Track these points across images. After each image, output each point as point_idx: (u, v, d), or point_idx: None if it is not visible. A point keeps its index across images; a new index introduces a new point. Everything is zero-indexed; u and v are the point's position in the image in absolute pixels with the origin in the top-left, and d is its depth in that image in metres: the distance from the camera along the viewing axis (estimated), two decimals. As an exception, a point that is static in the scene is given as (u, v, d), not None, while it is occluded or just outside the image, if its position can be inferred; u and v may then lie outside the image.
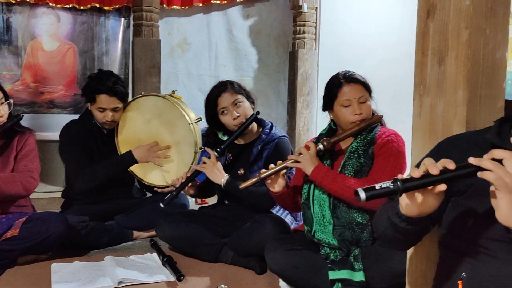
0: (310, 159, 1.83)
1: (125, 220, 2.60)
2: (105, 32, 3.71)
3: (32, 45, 3.53)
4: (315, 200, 1.89)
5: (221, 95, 2.31)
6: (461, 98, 1.39)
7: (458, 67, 1.40)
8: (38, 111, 3.59)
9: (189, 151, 2.51)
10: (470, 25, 1.38)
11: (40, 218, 2.17)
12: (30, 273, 2.05)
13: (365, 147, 1.86)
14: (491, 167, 0.92)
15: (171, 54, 3.88)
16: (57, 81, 3.63)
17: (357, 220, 1.81)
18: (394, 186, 0.95)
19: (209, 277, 2.05)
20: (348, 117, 1.86)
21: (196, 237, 2.26)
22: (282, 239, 1.96)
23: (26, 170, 2.22)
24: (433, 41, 1.46)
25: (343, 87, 1.87)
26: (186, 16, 3.89)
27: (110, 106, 2.47)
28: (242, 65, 4.06)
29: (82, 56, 3.67)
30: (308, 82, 3.99)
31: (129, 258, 2.24)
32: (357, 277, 1.72)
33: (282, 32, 4.14)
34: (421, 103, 1.51)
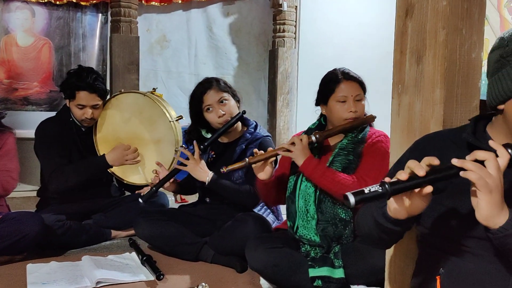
0: (302, 149, 1.84)
1: (103, 219, 2.57)
2: (82, 28, 3.66)
3: (6, 40, 3.47)
4: (300, 194, 1.90)
5: (206, 92, 2.29)
6: (438, 97, 1.42)
7: (435, 66, 1.43)
8: (12, 108, 3.52)
9: (169, 149, 2.50)
10: (447, 25, 1.41)
11: (14, 218, 2.13)
12: (5, 274, 2.01)
13: (355, 145, 1.89)
14: (473, 168, 0.94)
15: (150, 51, 3.86)
16: (32, 77, 3.57)
17: (340, 216, 1.83)
18: (383, 189, 0.95)
19: (189, 275, 2.05)
20: (342, 113, 1.88)
21: (176, 236, 2.25)
22: (263, 238, 1.96)
23: (5, 169, 2.18)
24: (411, 41, 1.49)
25: (341, 83, 1.89)
26: (165, 12, 3.86)
27: (89, 103, 2.44)
28: (222, 63, 4.07)
29: (58, 52, 3.62)
30: (288, 81, 4.01)
31: (108, 257, 2.21)
32: (337, 274, 1.75)
33: (262, 30, 4.15)
34: (399, 102, 1.54)
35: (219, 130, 2.29)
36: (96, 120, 2.57)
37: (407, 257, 1.45)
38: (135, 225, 2.38)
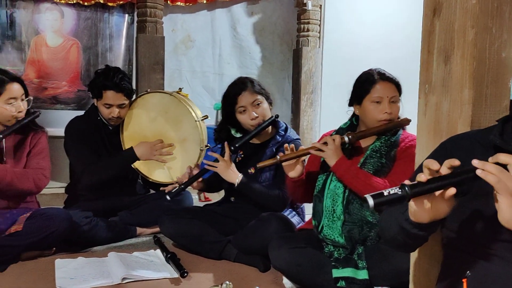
0: (335, 150, 1.83)
1: (128, 216, 2.61)
2: (109, 28, 3.71)
3: (36, 41, 3.54)
4: (328, 193, 1.89)
5: (241, 93, 2.28)
6: (467, 97, 1.40)
7: (464, 66, 1.41)
8: (41, 106, 3.58)
9: (194, 149, 2.52)
10: (476, 24, 1.38)
11: (44, 214, 2.18)
12: (34, 269, 2.06)
13: (388, 148, 1.87)
14: (494, 171, 0.92)
15: (175, 51, 3.89)
16: (60, 77, 3.63)
17: (367, 219, 1.82)
18: (402, 192, 0.94)
19: (212, 273, 2.06)
20: (377, 115, 1.86)
21: (200, 234, 2.27)
22: (287, 237, 1.97)
23: (38, 167, 2.24)
24: (439, 40, 1.47)
25: (377, 84, 1.87)
26: (190, 12, 3.89)
27: (116, 103, 2.49)
28: (246, 63, 4.07)
29: (85, 52, 3.67)
30: (312, 80, 3.99)
31: (133, 254, 2.25)
32: (360, 275, 1.74)
33: (286, 29, 4.14)
34: (426, 102, 1.52)
35: (251, 133, 2.28)
36: (123, 119, 2.61)
37: (432, 259, 1.43)
38: (160, 223, 2.40)
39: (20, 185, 2.15)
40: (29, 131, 2.28)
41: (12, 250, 2.08)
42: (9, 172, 2.11)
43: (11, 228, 2.12)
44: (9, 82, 2.14)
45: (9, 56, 3.48)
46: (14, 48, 3.50)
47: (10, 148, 2.23)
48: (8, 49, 3.48)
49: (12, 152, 2.23)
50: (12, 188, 2.13)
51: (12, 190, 2.14)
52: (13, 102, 2.14)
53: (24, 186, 2.16)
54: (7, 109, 2.13)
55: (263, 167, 1.97)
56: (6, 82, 2.13)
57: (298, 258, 1.83)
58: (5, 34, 3.46)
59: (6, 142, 2.21)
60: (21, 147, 2.26)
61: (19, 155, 2.24)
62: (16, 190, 2.15)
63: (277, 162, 1.91)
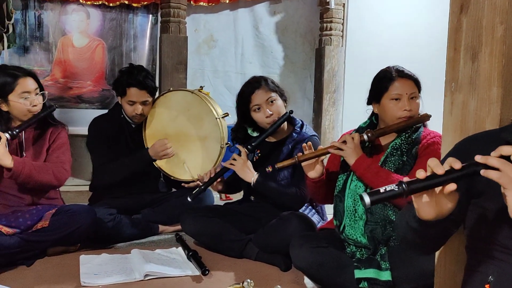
0: (354, 148, 1.81)
1: (151, 214, 2.64)
2: (133, 29, 3.77)
3: (63, 41, 3.61)
4: (349, 193, 1.87)
5: (254, 91, 2.28)
6: (495, 96, 1.37)
7: (492, 63, 1.38)
8: (66, 105, 3.67)
9: (215, 146, 2.53)
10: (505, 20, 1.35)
11: (69, 210, 2.22)
12: (59, 264, 2.10)
13: (409, 146, 1.83)
14: (498, 164, 0.91)
15: (198, 50, 3.92)
16: (85, 76, 3.70)
17: (390, 218, 1.79)
18: (399, 188, 0.94)
19: (233, 272, 2.06)
20: (396, 112, 1.83)
21: (221, 233, 2.27)
22: (308, 236, 1.96)
23: (58, 161, 2.26)
24: (466, 37, 1.44)
25: (395, 81, 1.84)
26: (213, 13, 3.91)
27: (140, 100, 2.52)
28: (268, 62, 4.07)
29: (110, 52, 3.73)
30: (335, 80, 3.97)
31: (155, 251, 2.27)
32: (383, 277, 1.71)
33: (308, 28, 4.13)
34: (452, 100, 1.49)
35: (267, 131, 2.28)
36: (146, 117, 2.64)
37: (458, 261, 1.40)
38: (181, 221, 2.42)
39: (40, 178, 2.16)
40: (48, 126, 2.31)
41: (39, 245, 2.12)
42: (27, 165, 2.12)
43: (37, 224, 2.15)
44: (22, 76, 2.17)
45: (37, 56, 3.57)
46: (41, 49, 3.58)
47: (29, 142, 2.26)
48: (36, 50, 3.56)
49: (31, 146, 2.26)
50: (32, 181, 2.14)
51: (32, 183, 2.16)
52: (27, 96, 2.17)
53: (44, 178, 2.18)
54: (22, 103, 2.15)
55: (282, 167, 1.96)
56: (19, 77, 2.16)
57: (320, 258, 1.82)
58: (33, 35, 3.55)
59: (25, 137, 2.25)
60: (41, 142, 2.28)
61: (38, 150, 2.27)
62: (36, 182, 2.16)
63: (296, 162, 1.90)
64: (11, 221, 2.11)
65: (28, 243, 2.07)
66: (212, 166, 2.46)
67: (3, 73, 2.20)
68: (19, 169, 2.08)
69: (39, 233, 2.12)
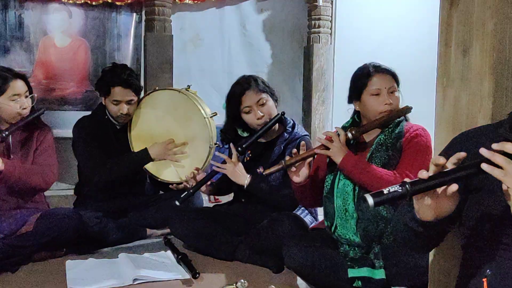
0: (341, 147, 1.83)
1: (138, 217, 2.63)
2: (117, 28, 3.74)
3: (44, 42, 3.57)
4: (338, 193, 1.89)
5: (245, 93, 2.28)
6: (487, 90, 1.39)
7: (483, 58, 1.40)
8: (49, 108, 3.61)
9: (204, 146, 2.52)
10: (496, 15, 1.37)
11: (54, 214, 2.21)
12: (45, 270, 2.08)
13: (393, 140, 1.86)
14: (502, 163, 0.91)
15: (184, 49, 3.91)
16: (68, 77, 3.66)
17: (382, 214, 1.81)
18: (403, 189, 0.94)
19: (225, 274, 2.07)
20: (377, 107, 1.86)
21: (211, 235, 2.27)
22: (300, 237, 1.97)
23: (46, 164, 2.27)
24: (457, 32, 1.46)
25: (373, 76, 1.88)
26: (199, 10, 3.91)
27: (125, 99, 2.51)
28: (255, 61, 4.07)
29: (94, 52, 3.70)
30: (324, 78, 3.99)
31: (144, 255, 2.25)
32: (377, 275, 1.73)
33: (296, 26, 4.14)
34: (444, 96, 1.51)
35: (257, 133, 2.27)
36: (131, 118, 2.63)
37: (452, 257, 1.42)
38: (170, 224, 2.42)
39: (29, 181, 2.18)
40: (34, 129, 2.31)
41: (23, 250, 2.10)
42: (17, 168, 2.13)
43: (21, 229, 2.14)
44: (13, 79, 2.17)
45: (18, 57, 3.52)
46: (22, 50, 3.54)
47: (16, 145, 2.25)
48: (16, 50, 3.52)
49: (19, 149, 2.26)
50: (21, 183, 2.16)
51: (21, 186, 2.17)
52: (17, 98, 2.17)
53: (33, 181, 2.19)
54: (11, 105, 2.16)
55: (269, 174, 1.95)
56: (10, 79, 2.16)
57: (313, 258, 1.82)
58: (14, 36, 3.51)
59: (12, 139, 2.24)
60: (28, 144, 2.28)
61: (25, 152, 2.27)
62: (25, 185, 2.18)
63: (283, 167, 1.90)
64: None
65: (12, 249, 2.06)
66: (201, 167, 2.46)
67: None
68: (9, 171, 2.09)
69: (23, 238, 2.11)
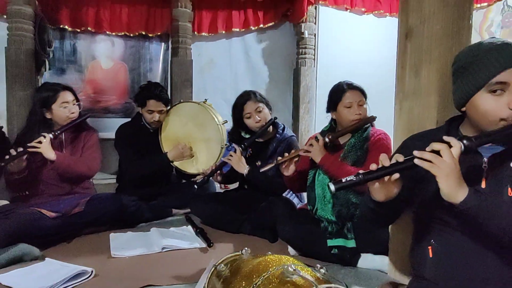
0: (319, 149, 1.84)
1: (165, 200, 2.63)
2: (149, 54, 3.74)
3: (93, 65, 3.58)
4: (318, 183, 1.90)
5: (246, 103, 2.31)
6: (433, 103, 1.41)
7: (430, 78, 1.42)
8: (96, 115, 3.61)
9: (216, 147, 2.54)
10: (440, 45, 1.39)
11: (100, 197, 2.22)
12: (93, 241, 2.10)
13: (361, 143, 1.86)
14: (430, 158, 0.93)
15: (201, 71, 3.90)
16: (111, 92, 3.65)
17: (352, 201, 1.82)
18: (357, 178, 0.98)
19: (232, 244, 2.07)
20: (349, 116, 1.87)
21: (222, 213, 2.28)
22: (291, 215, 1.97)
23: (91, 157, 2.28)
24: (411, 58, 1.48)
25: (346, 92, 1.88)
26: (213, 41, 3.90)
27: (157, 109, 2.52)
28: (256, 80, 4.07)
29: (131, 73, 3.70)
30: (308, 93, 3.99)
31: (170, 229, 2.26)
32: (350, 244, 1.74)
33: (287, 53, 4.14)
34: (401, 107, 1.53)
35: (256, 133, 2.30)
36: (161, 123, 2.64)
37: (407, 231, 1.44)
38: (190, 205, 2.43)
39: (76, 169, 2.19)
40: (82, 130, 2.33)
41: (76, 226, 2.11)
42: (66, 159, 2.15)
43: (75, 209, 2.14)
44: (61, 90, 2.20)
45: (72, 76, 3.52)
46: (76, 71, 3.53)
47: (68, 142, 2.27)
48: (71, 72, 3.52)
49: (69, 145, 2.27)
50: (70, 171, 2.17)
51: (70, 173, 2.18)
52: (66, 105, 2.19)
53: (79, 169, 2.20)
54: (62, 111, 2.18)
55: (266, 171, 1.96)
56: (60, 90, 2.19)
57: (300, 232, 1.84)
58: (69, 60, 3.51)
59: (65, 137, 2.25)
60: (77, 142, 2.29)
61: (75, 148, 2.28)
62: (73, 173, 2.19)
63: (275, 165, 1.92)
64: (53, 206, 2.11)
65: (67, 224, 2.07)
66: (214, 162, 2.47)
67: (47, 89, 2.20)
68: (60, 160, 2.11)
69: (76, 216, 2.12)
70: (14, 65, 2.93)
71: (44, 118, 2.20)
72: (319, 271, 1.04)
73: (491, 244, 1.01)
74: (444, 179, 0.93)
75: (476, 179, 1.03)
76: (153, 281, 1.58)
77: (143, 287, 1.54)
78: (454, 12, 1.37)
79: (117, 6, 3.47)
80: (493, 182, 1.03)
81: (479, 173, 1.04)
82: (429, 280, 1.11)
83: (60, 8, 3.33)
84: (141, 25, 3.56)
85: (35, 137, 2.09)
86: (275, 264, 1.04)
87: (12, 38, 2.94)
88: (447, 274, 1.08)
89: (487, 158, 1.05)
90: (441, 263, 1.09)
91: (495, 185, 1.02)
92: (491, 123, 1.01)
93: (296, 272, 0.98)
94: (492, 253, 1.03)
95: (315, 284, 0.93)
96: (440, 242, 1.10)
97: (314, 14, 3.88)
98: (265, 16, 3.87)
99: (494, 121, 1.00)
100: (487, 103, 1.01)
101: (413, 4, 1.44)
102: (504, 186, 1.01)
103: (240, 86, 3.96)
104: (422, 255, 1.14)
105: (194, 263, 1.78)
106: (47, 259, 1.76)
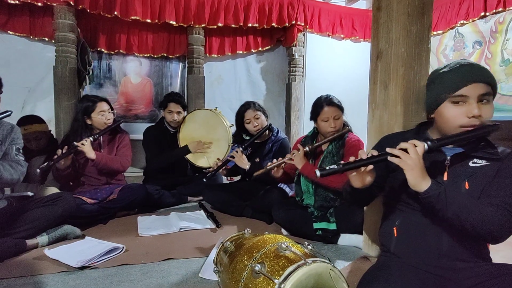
0: (300, 158, 1.81)
1: (182, 189, 2.62)
2: (170, 71, 3.74)
3: (124, 80, 3.57)
4: (303, 181, 1.88)
5: (247, 111, 2.30)
6: (399, 111, 1.40)
7: (396, 91, 1.41)
8: (128, 121, 3.62)
9: (224, 145, 2.53)
10: (404, 65, 1.39)
11: (130, 187, 2.21)
12: (124, 222, 2.09)
13: (337, 149, 1.82)
14: (398, 154, 0.95)
15: (211, 85, 3.90)
16: (140, 102, 3.66)
17: (330, 196, 1.81)
18: (338, 167, 0.97)
19: (236, 225, 2.07)
20: (326, 129, 1.82)
21: (228, 200, 2.27)
22: (283, 203, 1.96)
23: (124, 156, 2.27)
24: (381, 75, 1.47)
25: (324, 108, 1.81)
26: (221, 61, 3.90)
27: (176, 110, 2.52)
28: (256, 93, 4.07)
29: (155, 87, 3.70)
30: (298, 103, 3.98)
31: (186, 213, 2.26)
32: (331, 227, 1.73)
33: (281, 71, 4.14)
34: (373, 115, 1.52)
35: (254, 136, 2.29)
36: (179, 126, 2.63)
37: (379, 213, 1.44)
38: (203, 194, 2.42)
39: (112, 165, 2.17)
40: (117, 133, 2.31)
41: (110, 210, 2.12)
42: (104, 157, 2.14)
43: (109, 197, 2.15)
44: (99, 101, 2.19)
45: (108, 90, 3.52)
46: (111, 85, 3.53)
47: (105, 143, 2.26)
48: (107, 86, 3.52)
49: (106, 145, 2.26)
50: (107, 167, 2.16)
51: (107, 169, 2.17)
52: (103, 113, 2.18)
53: (114, 166, 2.19)
54: (100, 118, 2.17)
55: (259, 175, 1.91)
56: (98, 101, 2.18)
57: (291, 216, 1.82)
58: (105, 76, 3.50)
59: (103, 140, 2.25)
60: (112, 143, 2.28)
61: (111, 148, 2.27)
62: (109, 169, 2.17)
63: (266, 171, 1.88)
64: (92, 194, 2.11)
65: (103, 209, 2.07)
66: (222, 157, 2.46)
67: (87, 100, 2.20)
68: (99, 159, 2.10)
69: (111, 203, 2.12)
70: (61, 80, 2.96)
71: (85, 124, 2.19)
72: (307, 248, 1.03)
73: (446, 225, 1.00)
74: (410, 172, 0.93)
75: (440, 173, 1.03)
76: (172, 255, 1.58)
77: (164, 259, 1.54)
78: (415, 38, 1.37)
79: (144, 33, 3.48)
80: (453, 176, 1.03)
81: (442, 168, 1.04)
82: (394, 254, 1.11)
83: (98, 34, 3.34)
84: (163, 48, 3.56)
85: (78, 140, 2.09)
86: (271, 242, 1.04)
87: (59, 59, 2.95)
88: (409, 249, 1.07)
89: (450, 156, 1.04)
90: (404, 240, 1.09)
91: (454, 179, 1.02)
92: (452, 129, 1.01)
93: (288, 248, 0.98)
94: (446, 233, 1.03)
95: (304, 258, 0.92)
96: (403, 221, 1.10)
97: (302, 39, 3.88)
98: (263, 41, 3.88)
99: (455, 127, 1.01)
100: (450, 112, 1.01)
101: (382, 31, 1.44)
102: (462, 180, 1.01)
103: (243, 97, 3.97)
104: (389, 234, 1.13)
105: (206, 241, 1.77)
106: (87, 237, 1.76)
